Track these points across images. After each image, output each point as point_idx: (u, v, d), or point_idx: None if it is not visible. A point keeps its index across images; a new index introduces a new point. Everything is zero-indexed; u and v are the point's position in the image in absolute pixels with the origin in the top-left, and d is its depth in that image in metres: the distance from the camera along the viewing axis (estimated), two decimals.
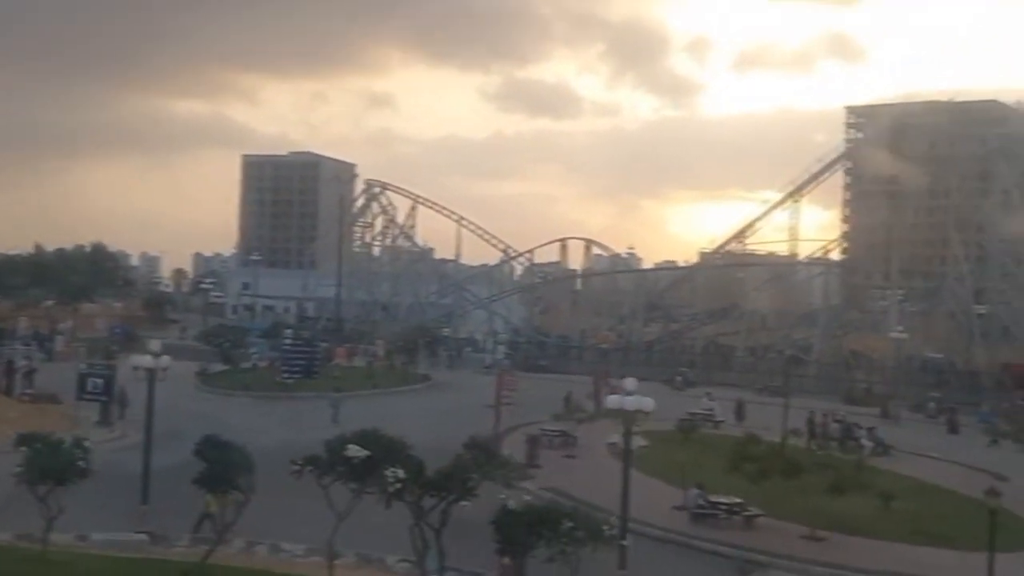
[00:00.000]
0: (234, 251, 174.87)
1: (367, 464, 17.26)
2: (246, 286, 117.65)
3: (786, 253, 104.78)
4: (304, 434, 32.79)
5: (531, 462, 38.07)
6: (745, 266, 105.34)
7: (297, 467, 18.81)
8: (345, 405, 46.59)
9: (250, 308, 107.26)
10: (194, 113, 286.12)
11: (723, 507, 33.00)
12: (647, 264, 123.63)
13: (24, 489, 20.67)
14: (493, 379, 49.11)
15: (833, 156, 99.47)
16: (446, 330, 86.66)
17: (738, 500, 33.20)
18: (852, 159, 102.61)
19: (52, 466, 19.64)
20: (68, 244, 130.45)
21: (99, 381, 44.03)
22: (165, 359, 29.20)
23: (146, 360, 28.62)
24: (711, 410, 53.32)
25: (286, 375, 57.88)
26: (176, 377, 35.64)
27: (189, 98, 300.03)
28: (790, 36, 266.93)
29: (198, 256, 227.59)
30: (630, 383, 25.08)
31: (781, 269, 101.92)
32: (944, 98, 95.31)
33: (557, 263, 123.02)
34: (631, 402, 24.77)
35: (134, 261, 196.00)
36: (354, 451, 16.88)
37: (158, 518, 26.57)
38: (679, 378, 70.27)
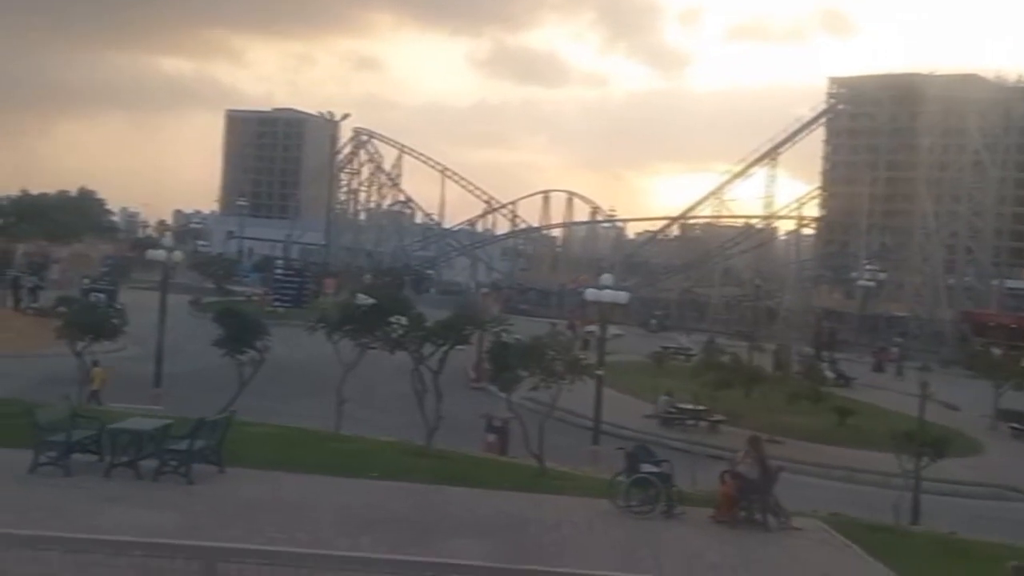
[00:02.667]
0: (215, 209, 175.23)
1: (374, 314, 19.56)
2: (231, 233, 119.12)
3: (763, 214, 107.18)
4: (297, 352, 34.77)
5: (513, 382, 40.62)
6: (720, 220, 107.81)
7: (311, 325, 21.06)
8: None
9: (239, 251, 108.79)
10: (180, 72, 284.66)
11: (689, 412, 35.73)
12: (628, 229, 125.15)
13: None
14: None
15: (810, 116, 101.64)
16: (430, 271, 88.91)
17: (703, 407, 35.93)
18: (830, 125, 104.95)
19: (89, 321, 21.78)
20: (52, 190, 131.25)
21: (102, 296, 46.13)
22: (177, 253, 31.44)
23: (160, 254, 30.81)
24: (684, 346, 56.01)
25: (277, 304, 59.94)
26: (169, 308, 37.48)
27: (175, 56, 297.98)
28: (781, 9, 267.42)
29: (178, 213, 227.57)
30: (606, 278, 27.49)
31: (755, 231, 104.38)
32: (925, 71, 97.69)
33: (539, 228, 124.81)
34: (607, 295, 27.18)
35: (115, 216, 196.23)
36: (362, 299, 19.17)
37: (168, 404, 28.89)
38: (653, 321, 72.93)
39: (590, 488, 17.09)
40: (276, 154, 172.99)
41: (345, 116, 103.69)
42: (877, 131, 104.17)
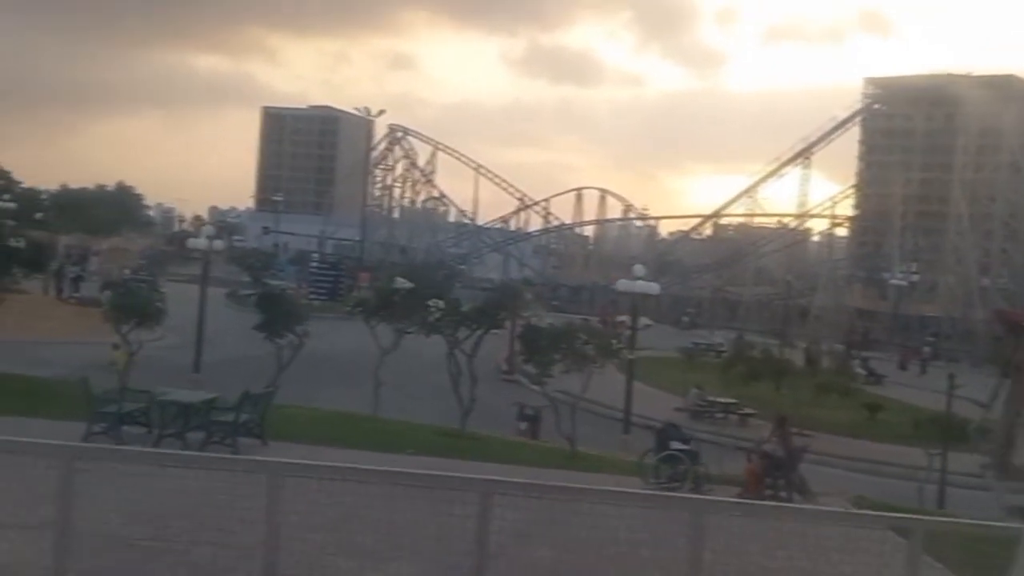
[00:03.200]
0: (250, 206, 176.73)
1: (411, 297, 20.13)
2: (266, 229, 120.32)
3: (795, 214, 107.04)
4: (333, 344, 35.45)
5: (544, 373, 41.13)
6: (753, 220, 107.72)
7: (348, 310, 21.64)
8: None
9: (275, 245, 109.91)
10: (216, 71, 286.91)
11: (719, 405, 36.11)
12: (661, 229, 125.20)
13: None
14: None
15: (845, 115, 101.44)
16: (463, 266, 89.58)
17: (734, 400, 36.31)
18: (865, 125, 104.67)
19: (132, 304, 22.47)
20: (91, 185, 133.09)
21: (142, 286, 46.96)
22: (218, 243, 32.19)
23: (201, 242, 31.56)
24: (715, 343, 56.22)
25: (313, 296, 60.74)
26: (207, 300, 38.14)
27: (212, 54, 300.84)
28: (818, 10, 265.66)
29: (214, 209, 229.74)
30: (638, 269, 27.92)
31: (787, 231, 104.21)
32: (961, 72, 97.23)
33: (571, 226, 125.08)
34: (638, 286, 27.60)
35: (151, 212, 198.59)
36: (401, 282, 19.73)
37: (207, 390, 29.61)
38: (685, 318, 73.19)
39: (621, 468, 17.55)
40: (311, 151, 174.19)
41: (381, 112, 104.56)
42: (912, 131, 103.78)
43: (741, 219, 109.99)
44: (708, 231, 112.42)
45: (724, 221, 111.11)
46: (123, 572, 8.81)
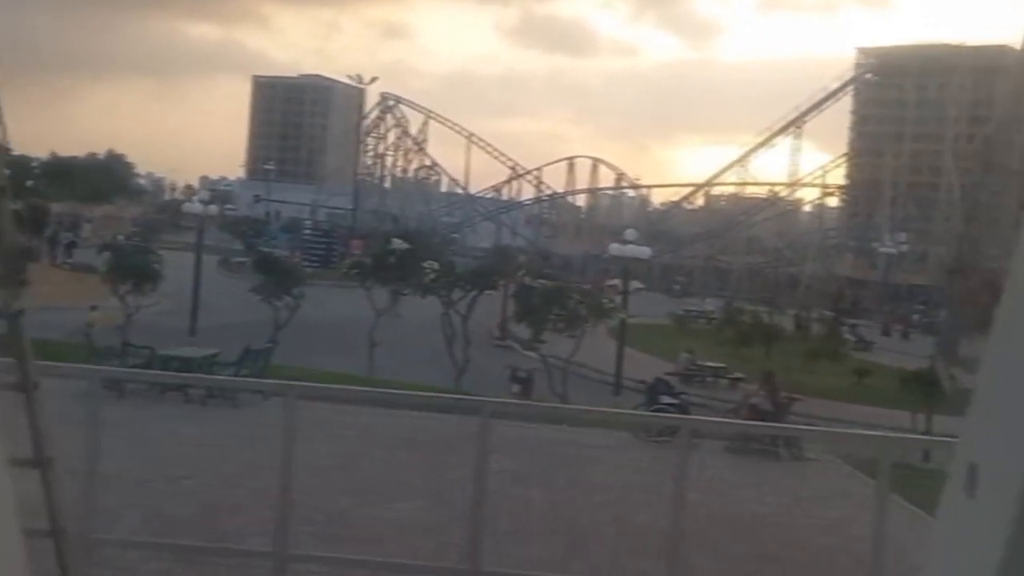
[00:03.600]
0: (241, 175, 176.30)
1: (408, 258, 20.45)
2: (257, 198, 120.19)
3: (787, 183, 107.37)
4: (326, 312, 35.80)
5: (536, 338, 41.61)
6: (745, 190, 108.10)
7: (344, 271, 21.95)
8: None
9: (267, 213, 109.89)
10: (207, 38, 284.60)
11: (709, 369, 36.59)
12: (653, 199, 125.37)
13: None
14: None
15: (837, 85, 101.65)
16: (455, 235, 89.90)
17: (723, 365, 36.80)
18: (857, 96, 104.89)
19: (130, 265, 22.78)
20: (82, 154, 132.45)
21: (139, 249, 47.29)
22: (213, 207, 32.44)
23: (196, 207, 31.80)
24: (706, 310, 56.75)
25: (305, 263, 60.95)
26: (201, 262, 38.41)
27: (203, 22, 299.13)
28: None
29: (204, 179, 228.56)
30: (630, 233, 28.30)
31: (779, 200, 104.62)
32: (954, 42, 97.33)
33: (563, 195, 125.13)
34: (629, 250, 27.97)
35: (142, 180, 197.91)
36: (398, 244, 20.05)
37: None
38: (676, 287, 73.70)
39: (612, 422, 17.93)
40: (303, 120, 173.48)
41: (373, 80, 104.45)
42: (904, 102, 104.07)
43: (733, 189, 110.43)
44: (700, 201, 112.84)
45: (716, 191, 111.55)
46: (144, 508, 9.16)
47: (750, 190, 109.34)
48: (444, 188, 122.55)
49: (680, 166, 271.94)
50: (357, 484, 11.24)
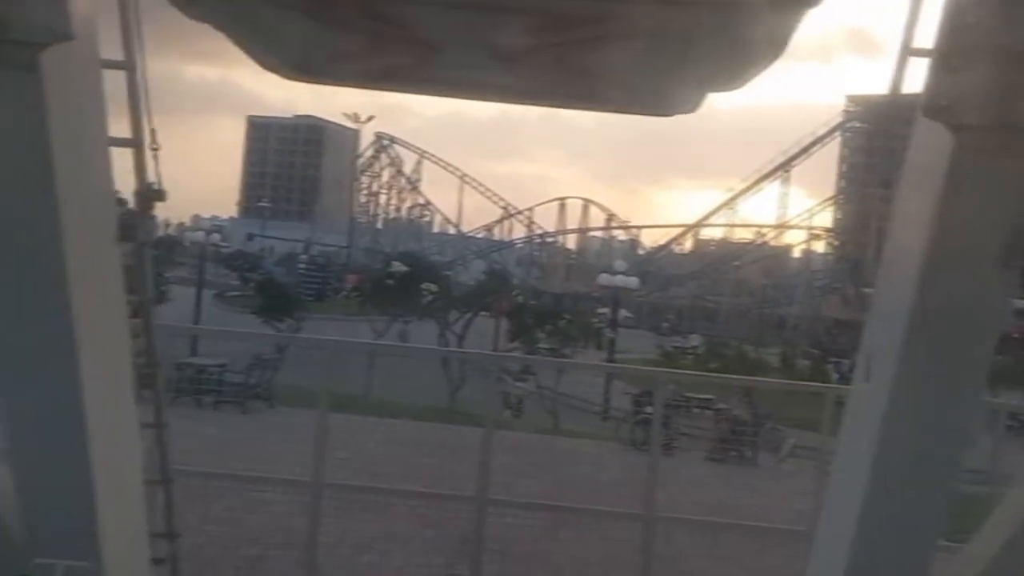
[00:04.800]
0: (233, 215, 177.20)
1: (407, 280, 21.46)
2: (251, 235, 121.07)
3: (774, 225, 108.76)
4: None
5: (526, 370, 42.64)
6: (733, 234, 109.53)
7: (345, 294, 22.93)
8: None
9: (262, 248, 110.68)
10: (203, 78, 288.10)
11: (696, 400, 37.48)
12: (643, 241, 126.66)
13: None
14: None
15: (824, 131, 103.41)
16: (448, 272, 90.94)
17: (709, 396, 37.69)
18: (846, 142, 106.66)
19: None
20: None
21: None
22: (215, 236, 33.49)
23: (199, 235, 32.84)
24: (692, 345, 57.80)
25: (301, 296, 61.93)
26: (194, 300, 39.08)
27: (201, 63, 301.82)
28: (806, 27, 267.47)
29: (196, 217, 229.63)
30: (619, 264, 29.40)
31: (766, 247, 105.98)
32: None
33: (555, 234, 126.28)
34: (619, 280, 29.06)
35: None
36: (397, 266, 21.07)
37: None
38: (665, 324, 74.84)
39: (600, 436, 18.96)
40: (296, 159, 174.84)
41: (370, 118, 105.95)
42: (893, 149, 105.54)
43: (722, 232, 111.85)
44: (689, 244, 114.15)
45: (705, 234, 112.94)
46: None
47: (738, 233, 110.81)
48: (436, 228, 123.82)
49: (670, 209, 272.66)
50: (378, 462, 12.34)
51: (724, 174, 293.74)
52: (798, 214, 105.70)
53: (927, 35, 4.93)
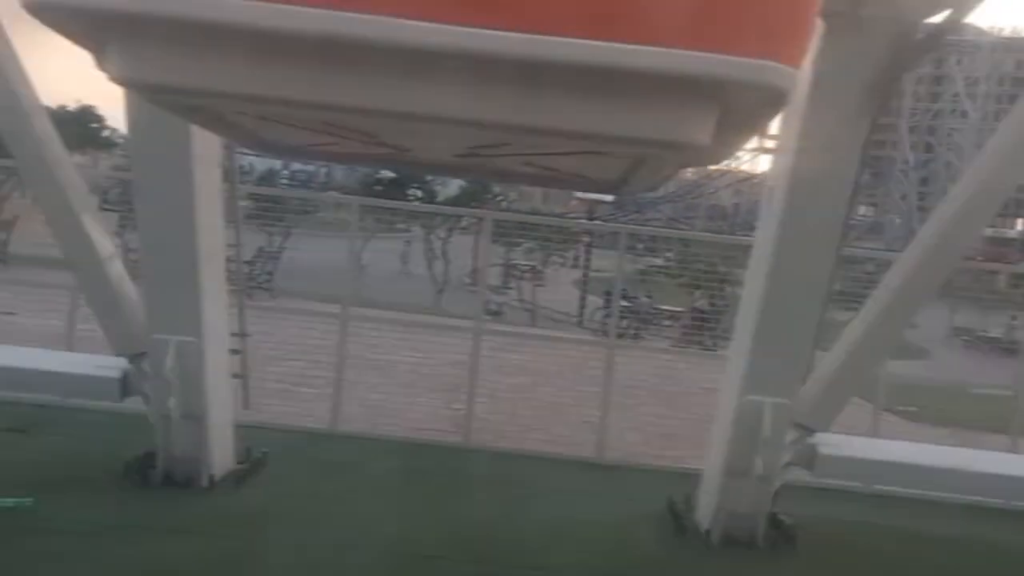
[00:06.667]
0: None
1: (393, 186, 22.67)
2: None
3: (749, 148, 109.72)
4: (308, 255, 38.11)
5: (504, 284, 43.91)
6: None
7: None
8: None
9: (240, 165, 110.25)
10: None
11: (667, 312, 39.11)
12: None
13: None
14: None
15: None
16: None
17: (681, 309, 39.32)
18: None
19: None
20: (53, 106, 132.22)
21: (119, 191, 49.07)
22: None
23: None
24: (665, 265, 59.23)
25: None
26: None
27: None
28: None
29: None
30: None
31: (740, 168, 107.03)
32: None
33: None
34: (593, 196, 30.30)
35: (106, 134, 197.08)
36: (384, 173, 22.23)
37: None
38: (640, 246, 76.18)
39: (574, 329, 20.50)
40: None
41: None
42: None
43: None
44: None
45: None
46: None
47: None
48: None
49: None
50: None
51: None
52: (773, 136, 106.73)
53: None
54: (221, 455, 10.23)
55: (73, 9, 2.49)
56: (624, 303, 18.85)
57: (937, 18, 7.94)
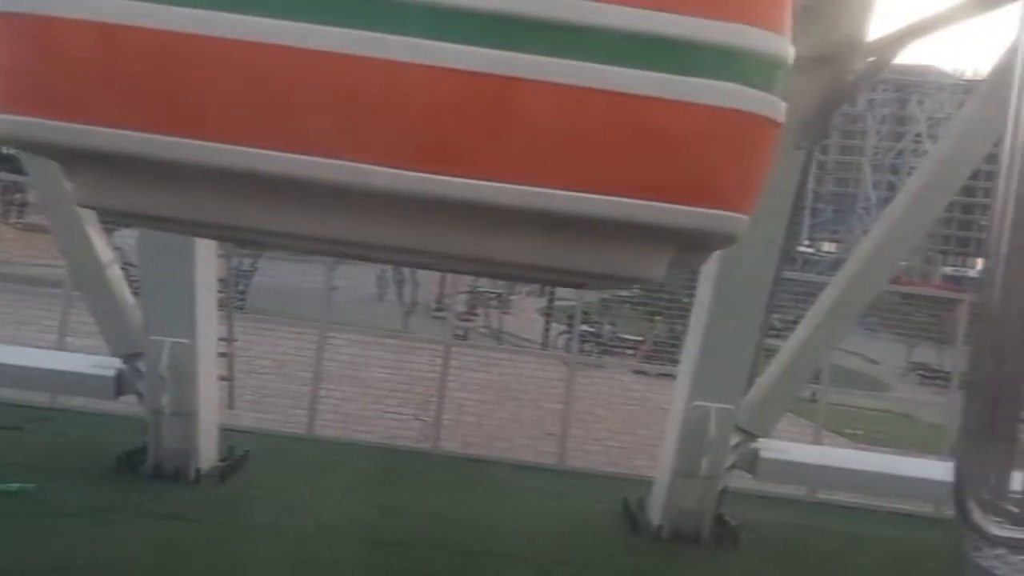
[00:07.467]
0: None
1: None
2: None
3: None
4: (276, 278, 38.83)
5: (471, 311, 44.60)
6: None
7: None
8: None
9: None
10: None
11: (630, 342, 40.03)
12: None
13: None
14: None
15: None
16: None
17: (641, 338, 40.28)
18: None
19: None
20: None
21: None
22: None
23: None
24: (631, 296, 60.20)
25: None
26: None
27: None
28: None
29: None
30: None
31: None
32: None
33: None
34: None
35: None
36: None
37: None
38: None
39: (539, 352, 21.35)
40: None
41: None
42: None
43: None
44: None
45: None
46: None
47: None
48: None
49: None
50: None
51: None
52: None
53: None
54: (207, 451, 11.02)
55: (33, 144, 2.73)
56: (587, 328, 19.70)
57: (866, 62, 8.96)
